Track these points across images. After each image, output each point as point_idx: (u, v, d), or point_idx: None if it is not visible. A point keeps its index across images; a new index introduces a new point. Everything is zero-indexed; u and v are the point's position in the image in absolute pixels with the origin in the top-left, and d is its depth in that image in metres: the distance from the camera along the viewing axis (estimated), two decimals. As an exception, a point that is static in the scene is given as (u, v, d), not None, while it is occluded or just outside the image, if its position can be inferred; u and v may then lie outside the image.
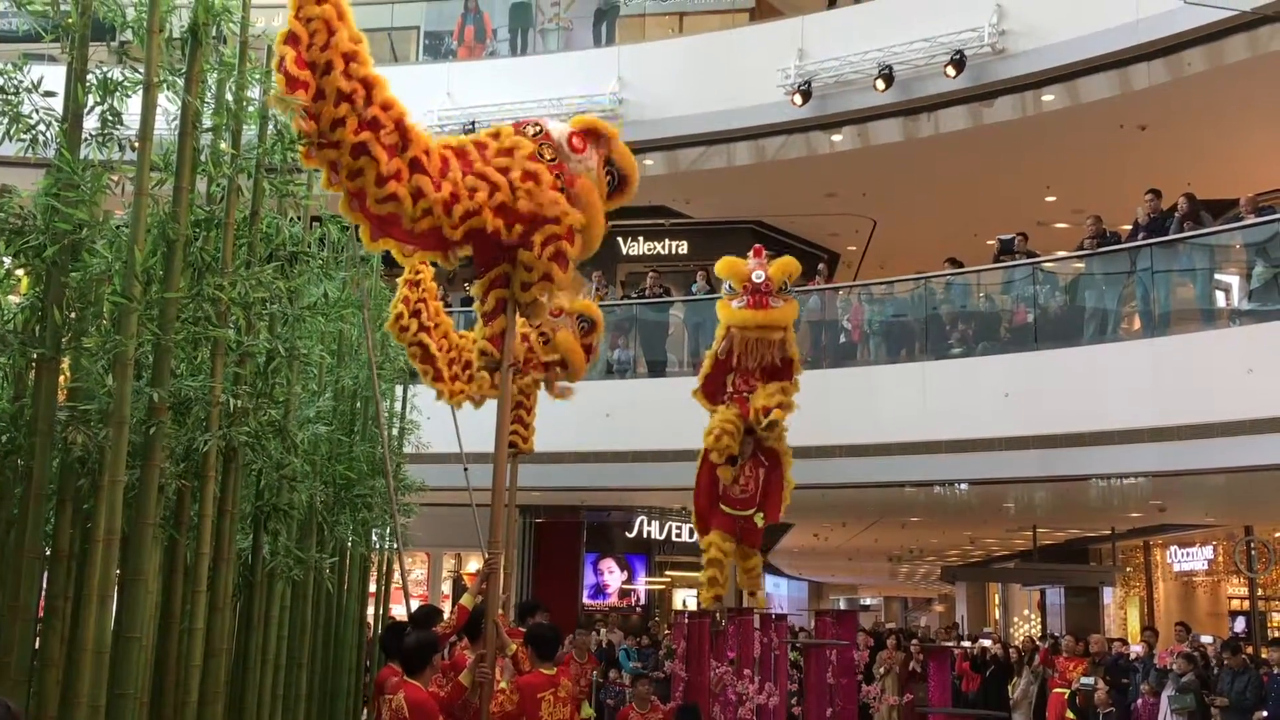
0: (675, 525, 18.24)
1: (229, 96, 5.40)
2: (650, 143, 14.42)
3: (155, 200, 4.89)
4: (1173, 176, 13.07)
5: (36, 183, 4.57)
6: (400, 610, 10.98)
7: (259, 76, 5.52)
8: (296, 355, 6.14)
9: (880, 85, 13.26)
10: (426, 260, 8.69)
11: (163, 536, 5.09)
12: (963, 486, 13.65)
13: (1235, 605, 18.96)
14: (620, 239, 18.07)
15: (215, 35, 5.19)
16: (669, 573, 19.47)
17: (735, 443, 9.19)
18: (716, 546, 9.28)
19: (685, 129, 14.60)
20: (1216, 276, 11.83)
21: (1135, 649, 13.77)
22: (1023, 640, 17.46)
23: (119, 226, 4.85)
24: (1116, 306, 12.19)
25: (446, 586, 18.58)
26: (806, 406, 9.65)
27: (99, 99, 4.68)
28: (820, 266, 16.27)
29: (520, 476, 9.10)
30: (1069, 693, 12.57)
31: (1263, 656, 11.74)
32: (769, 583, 28.05)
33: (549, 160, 5.32)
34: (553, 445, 10.35)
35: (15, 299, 4.69)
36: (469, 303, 12.05)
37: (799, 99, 13.71)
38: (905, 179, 15.46)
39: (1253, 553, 16.11)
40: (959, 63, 12.77)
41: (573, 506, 16.98)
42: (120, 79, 4.74)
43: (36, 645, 4.47)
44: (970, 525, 20.16)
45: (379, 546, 9.78)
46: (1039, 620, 24.04)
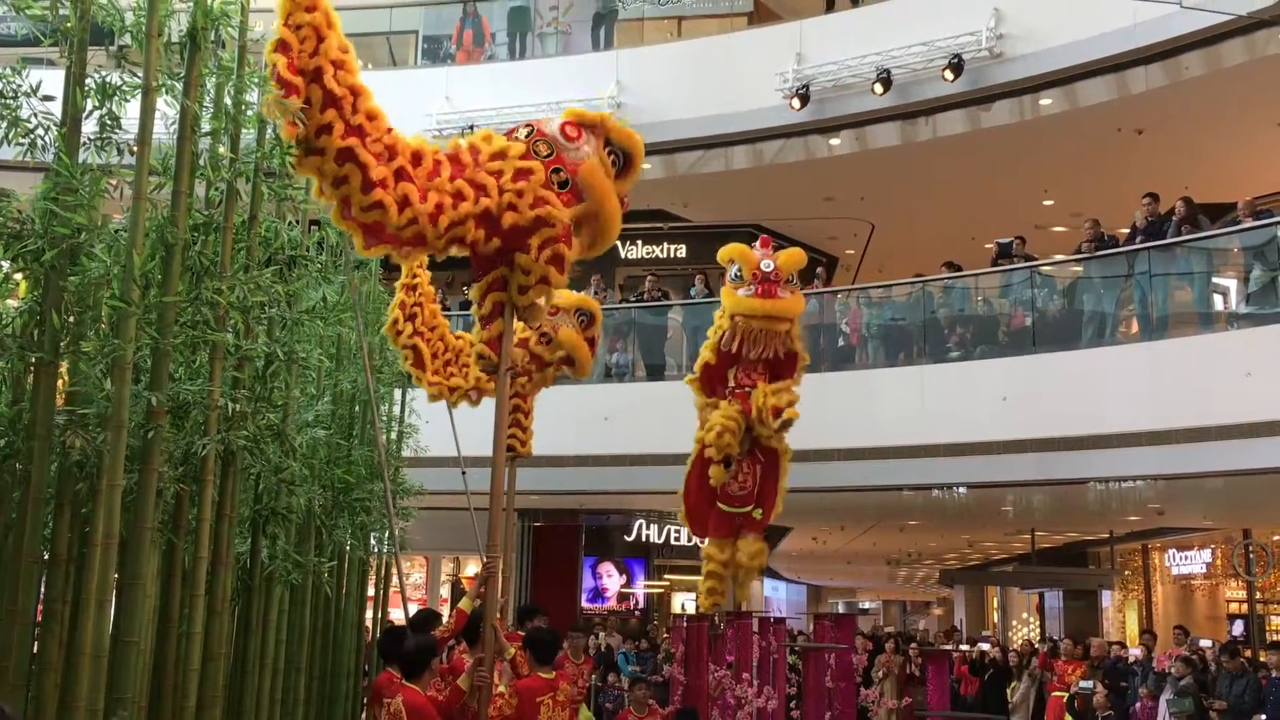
0: (674, 529, 18.19)
1: (227, 101, 5.41)
2: (648, 146, 14.24)
3: (154, 204, 4.89)
4: (1170, 180, 13.09)
5: (35, 187, 4.58)
6: (399, 614, 10.97)
7: (257, 81, 5.53)
8: (295, 359, 6.15)
9: (878, 89, 13.29)
10: (423, 263, 8.71)
11: (161, 540, 5.09)
12: (961, 490, 13.66)
13: (1234, 608, 18.98)
14: (619, 242, 17.99)
15: (214, 40, 5.20)
16: (668, 576, 19.45)
17: (736, 440, 8.77)
18: (715, 560, 9.06)
19: (683, 132, 14.61)
20: (1214, 280, 11.84)
21: (1134, 652, 13.77)
22: (1021, 644, 17.44)
23: (117, 230, 4.86)
24: (1114, 310, 12.19)
25: (445, 590, 18.57)
26: (805, 410, 9.56)
27: (97, 103, 4.69)
28: (819, 270, 16.28)
29: (519, 480, 9.08)
30: (1067, 696, 12.54)
31: (1261, 660, 11.75)
32: (767, 586, 28.14)
33: (545, 156, 5.30)
34: (551, 449, 10.34)
35: (14, 303, 4.68)
36: (468, 306, 12.05)
37: (797, 103, 13.74)
38: (903, 182, 15.48)
39: (1251, 556, 16.12)
40: (957, 67, 12.80)
41: (571, 510, 16.97)
42: (119, 83, 4.75)
43: (35, 649, 4.48)
44: (969, 528, 20.17)
45: (377, 550, 9.78)
46: (1037, 623, 24.03)
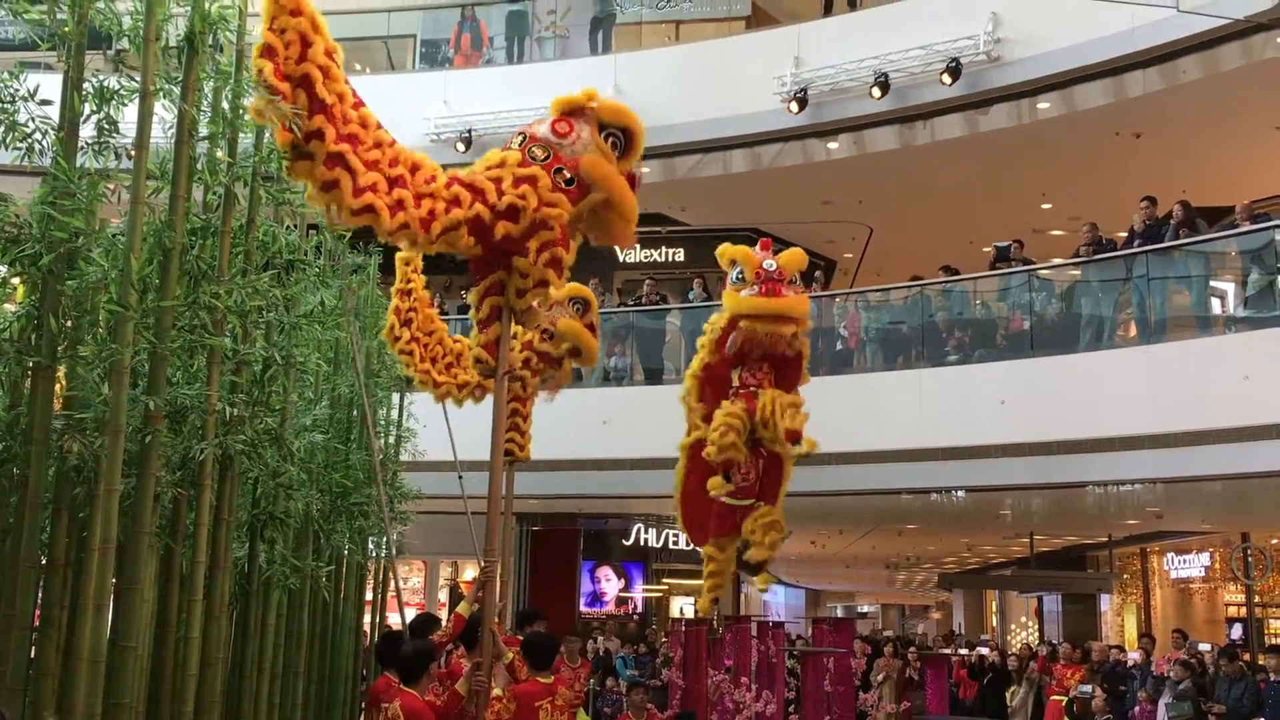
0: (672, 533, 18.20)
1: (225, 105, 5.40)
2: (646, 150, 14.34)
3: (151, 208, 4.88)
4: (1168, 183, 13.10)
5: (32, 191, 4.57)
6: (396, 619, 10.95)
7: (255, 85, 5.52)
8: (293, 363, 6.14)
9: (876, 93, 13.30)
10: (418, 268, 8.72)
11: (159, 545, 5.08)
12: (960, 494, 13.65)
13: (1232, 612, 18.99)
14: (617, 246, 18.06)
15: (212, 44, 5.19)
16: (666, 580, 19.45)
17: (741, 441, 8.23)
18: (715, 560, 8.93)
19: (682, 136, 14.58)
20: (1212, 283, 11.85)
21: (1132, 656, 13.79)
22: (1020, 647, 17.43)
23: (115, 235, 4.85)
24: (1113, 313, 12.19)
25: (443, 594, 18.55)
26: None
27: (95, 107, 4.67)
28: (817, 274, 16.27)
29: (517, 484, 9.09)
30: (1066, 700, 12.55)
31: (1259, 663, 11.75)
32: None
33: (543, 160, 5.30)
34: (549, 453, 10.33)
35: (11, 307, 4.68)
36: (466, 310, 12.05)
37: (795, 106, 13.75)
38: (901, 186, 15.48)
39: (1249, 559, 16.12)
40: (955, 70, 12.81)
41: (569, 514, 16.97)
42: (116, 87, 4.73)
43: (32, 654, 4.47)
44: (967, 532, 20.16)
45: (375, 555, 9.77)
46: (1036, 627, 24.04)
